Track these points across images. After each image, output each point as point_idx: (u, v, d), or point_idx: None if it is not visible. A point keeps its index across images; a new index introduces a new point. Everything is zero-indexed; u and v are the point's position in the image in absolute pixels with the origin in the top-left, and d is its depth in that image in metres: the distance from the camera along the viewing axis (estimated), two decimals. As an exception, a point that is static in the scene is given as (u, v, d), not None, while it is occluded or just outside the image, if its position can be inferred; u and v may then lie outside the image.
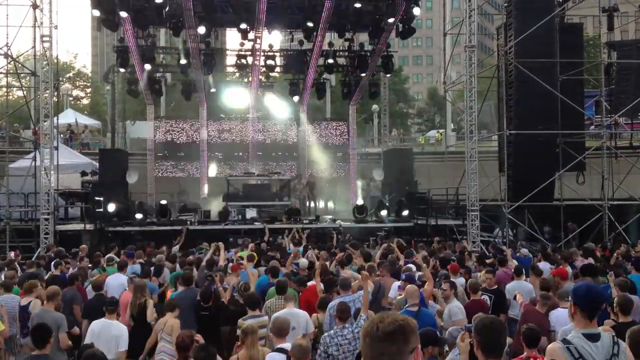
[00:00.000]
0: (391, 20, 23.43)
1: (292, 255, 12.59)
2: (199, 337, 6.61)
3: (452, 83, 26.25)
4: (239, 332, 7.77)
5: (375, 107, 38.68)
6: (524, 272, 10.75)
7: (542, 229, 20.59)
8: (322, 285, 9.64)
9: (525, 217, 19.96)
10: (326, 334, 7.29)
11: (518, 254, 14.49)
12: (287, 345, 6.66)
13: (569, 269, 11.32)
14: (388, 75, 29.01)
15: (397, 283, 9.93)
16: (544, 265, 12.45)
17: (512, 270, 11.18)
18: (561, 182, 20.84)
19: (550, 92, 19.40)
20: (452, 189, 22.53)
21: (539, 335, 6.44)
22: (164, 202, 21.89)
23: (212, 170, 28.01)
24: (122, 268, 11.72)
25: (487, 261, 12.95)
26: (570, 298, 4.56)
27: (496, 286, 10.22)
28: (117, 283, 10.78)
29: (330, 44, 27.20)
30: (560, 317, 7.80)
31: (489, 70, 25.61)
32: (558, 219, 20.27)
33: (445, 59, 25.89)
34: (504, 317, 9.25)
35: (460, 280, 10.38)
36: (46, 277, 11.38)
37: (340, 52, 27.80)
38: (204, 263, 11.86)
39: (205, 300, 9.05)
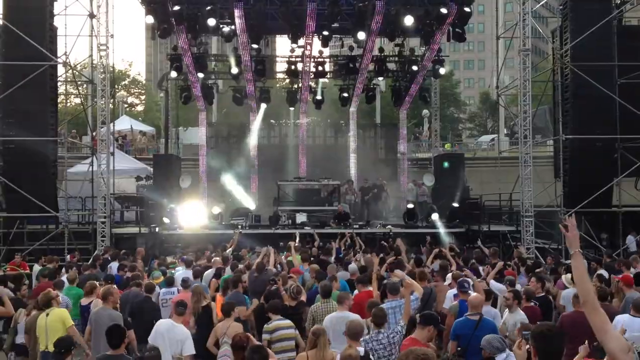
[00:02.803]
0: (443, 24, 23.18)
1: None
2: (251, 338, 6.67)
3: (505, 87, 25.84)
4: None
5: (425, 112, 38.40)
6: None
7: (599, 235, 20.01)
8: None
9: (582, 224, 19.44)
10: (361, 338, 7.26)
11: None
12: (359, 349, 6.67)
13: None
14: (442, 75, 28.57)
15: (452, 291, 9.80)
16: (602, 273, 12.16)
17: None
18: (619, 188, 20.24)
19: (608, 96, 18.92)
20: (506, 194, 22.15)
21: None
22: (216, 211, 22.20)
23: (262, 174, 28.22)
24: (188, 265, 12.47)
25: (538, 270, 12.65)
26: None
27: (543, 294, 10.02)
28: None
29: (381, 50, 27.11)
30: (618, 324, 7.51)
31: (544, 74, 25.12)
32: (616, 226, 19.70)
33: (498, 63, 25.51)
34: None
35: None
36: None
37: (391, 58, 27.69)
38: (253, 267, 11.98)
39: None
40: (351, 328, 6.97)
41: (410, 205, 22.64)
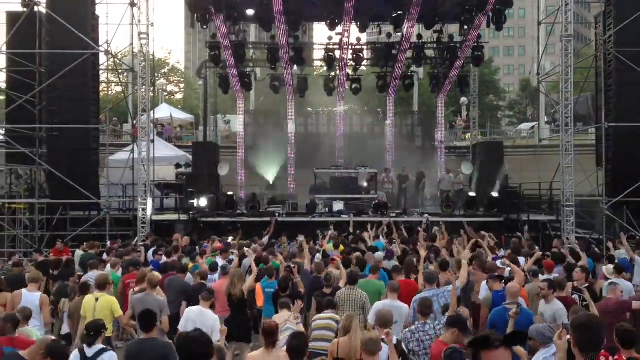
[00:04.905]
0: (483, 10, 22.82)
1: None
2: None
3: (546, 74, 25.38)
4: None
5: (464, 99, 37.96)
6: (625, 269, 10.34)
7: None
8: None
9: (624, 214, 19.07)
10: (407, 329, 7.29)
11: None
12: (392, 338, 6.71)
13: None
14: (481, 62, 28.07)
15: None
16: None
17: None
18: (663, 177, 19.75)
19: (652, 83, 18.48)
20: (546, 183, 21.84)
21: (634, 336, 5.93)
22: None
23: (299, 162, 28.33)
24: (222, 253, 12.52)
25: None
26: None
27: (587, 284, 9.85)
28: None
29: (419, 36, 26.86)
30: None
31: (586, 61, 24.61)
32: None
33: (539, 49, 25.06)
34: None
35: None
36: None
37: (429, 44, 27.41)
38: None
39: (283, 290, 9.39)
40: (380, 317, 7.03)
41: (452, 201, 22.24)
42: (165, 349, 6.56)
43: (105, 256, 13.75)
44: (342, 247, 13.82)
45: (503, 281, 9.06)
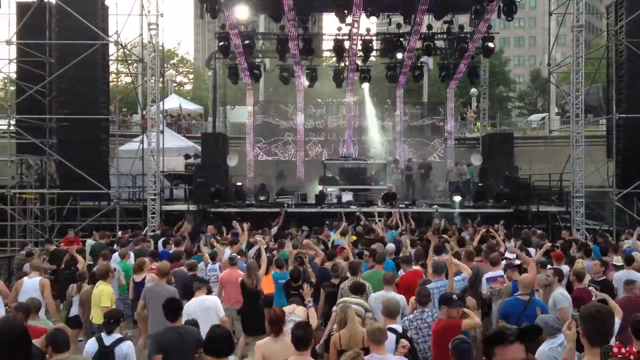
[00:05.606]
0: (493, 0, 22.69)
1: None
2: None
3: (557, 65, 25.23)
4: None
5: (473, 90, 37.77)
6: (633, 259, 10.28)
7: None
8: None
9: (634, 205, 18.99)
10: (405, 317, 7.33)
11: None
12: (396, 327, 6.82)
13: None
14: (491, 53, 27.82)
15: (486, 276, 9.70)
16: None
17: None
18: (675, 168, 19.64)
19: (664, 74, 18.36)
20: (556, 174, 21.75)
21: None
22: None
23: (309, 153, 28.33)
24: (231, 245, 12.49)
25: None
26: None
27: (605, 277, 9.82)
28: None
29: (429, 27, 26.73)
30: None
31: (597, 52, 24.46)
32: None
33: (550, 39, 24.90)
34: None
35: (564, 268, 10.03)
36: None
37: (439, 35, 27.26)
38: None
39: (295, 280, 9.45)
40: (387, 307, 7.09)
41: (458, 197, 22.08)
42: (198, 334, 6.59)
43: (115, 246, 13.84)
44: (354, 237, 13.84)
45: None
